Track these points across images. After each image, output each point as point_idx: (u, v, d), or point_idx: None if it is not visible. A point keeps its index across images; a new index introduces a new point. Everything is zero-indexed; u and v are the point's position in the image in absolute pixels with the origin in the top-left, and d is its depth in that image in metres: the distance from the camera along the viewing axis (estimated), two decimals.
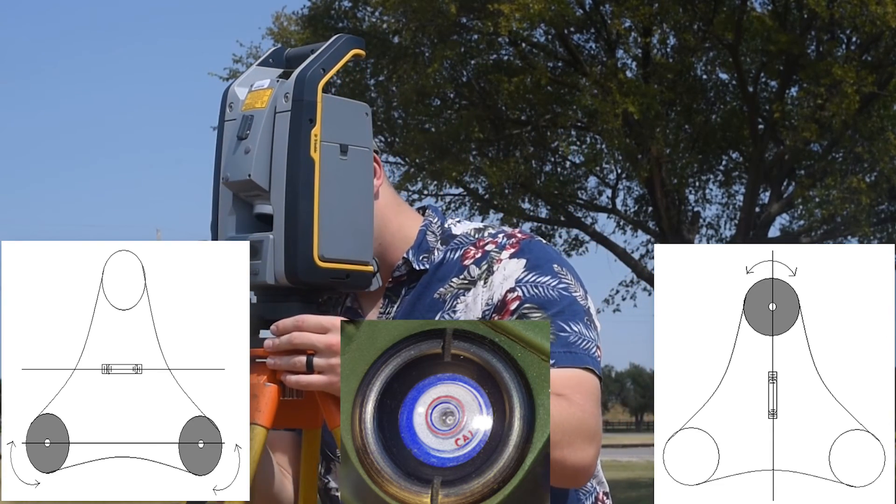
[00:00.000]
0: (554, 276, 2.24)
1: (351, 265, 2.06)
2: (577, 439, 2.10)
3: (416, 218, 2.36)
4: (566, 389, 2.13)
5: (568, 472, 2.12)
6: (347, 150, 2.06)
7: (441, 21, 18.85)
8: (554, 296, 2.22)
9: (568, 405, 2.10)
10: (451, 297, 2.26)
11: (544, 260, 2.26)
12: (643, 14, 18.85)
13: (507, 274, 2.24)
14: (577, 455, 2.11)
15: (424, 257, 2.30)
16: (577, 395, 2.14)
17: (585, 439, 2.12)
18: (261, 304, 2.09)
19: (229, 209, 2.08)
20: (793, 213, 22.90)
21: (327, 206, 2.02)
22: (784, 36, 18.81)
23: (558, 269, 2.25)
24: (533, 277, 2.23)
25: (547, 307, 2.20)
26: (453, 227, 2.35)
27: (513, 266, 2.25)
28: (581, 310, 2.24)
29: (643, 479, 29.12)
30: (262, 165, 2.03)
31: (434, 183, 21.84)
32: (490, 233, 2.33)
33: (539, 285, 2.22)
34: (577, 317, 2.22)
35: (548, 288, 2.22)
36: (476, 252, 2.29)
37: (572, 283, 2.26)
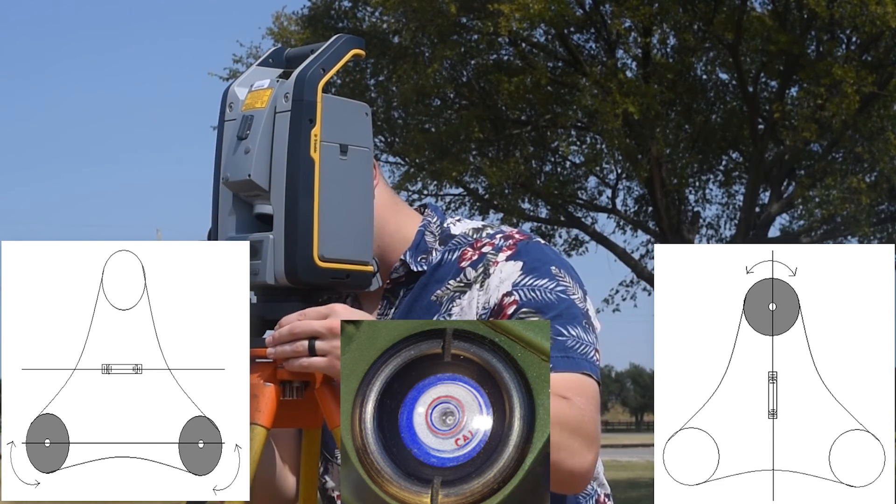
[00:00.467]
0: (552, 278, 2.21)
1: (351, 265, 2.06)
2: (575, 443, 2.07)
3: (414, 217, 2.33)
4: (567, 392, 2.10)
5: (564, 476, 2.08)
6: (347, 150, 2.06)
7: (441, 21, 18.85)
8: (552, 299, 2.18)
9: (568, 406, 2.07)
10: (447, 299, 2.24)
11: (542, 262, 2.23)
12: (643, 14, 18.84)
13: (503, 277, 2.21)
14: (576, 460, 2.08)
15: (422, 258, 2.28)
16: (577, 398, 2.11)
17: (584, 444, 2.09)
18: (261, 304, 2.08)
19: (229, 209, 2.08)
20: (793, 213, 22.90)
21: (327, 206, 2.02)
22: (784, 36, 18.80)
23: (556, 272, 2.22)
24: (530, 280, 2.20)
25: (544, 311, 2.17)
26: (452, 227, 2.32)
27: (509, 269, 2.22)
28: (579, 313, 2.20)
29: (643, 479, 29.10)
30: (262, 165, 2.03)
31: (434, 183, 21.84)
32: (488, 233, 2.29)
33: (536, 288, 2.19)
34: (575, 320, 2.18)
35: (545, 291, 2.19)
36: (473, 254, 2.26)
37: (570, 285, 2.22)
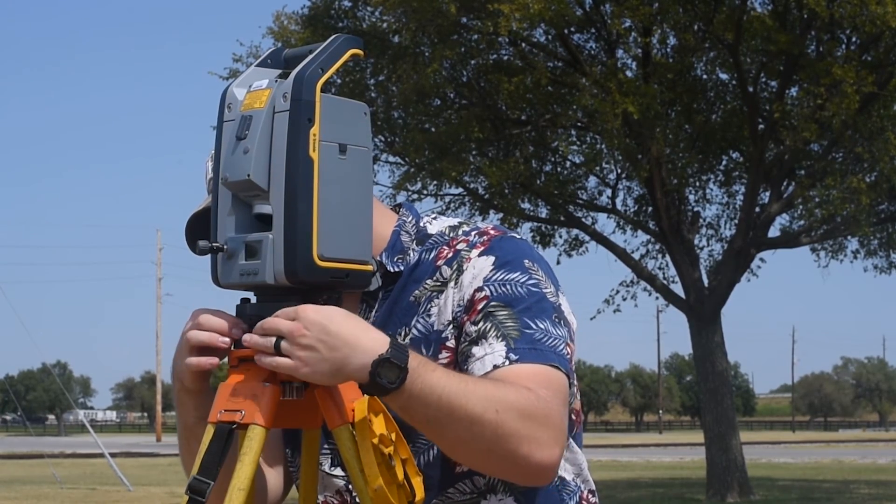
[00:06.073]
0: (524, 272, 2.18)
1: (350, 264, 2.06)
2: (542, 434, 2.04)
3: (389, 217, 2.30)
4: (531, 383, 2.06)
5: (532, 469, 2.05)
6: (346, 150, 2.05)
7: (441, 21, 18.85)
8: (522, 292, 2.16)
9: (533, 398, 2.04)
10: (426, 299, 2.22)
11: (514, 255, 2.20)
12: (643, 14, 18.84)
13: (475, 273, 2.19)
14: (544, 452, 2.04)
15: (399, 259, 2.26)
16: (542, 389, 2.07)
17: (551, 436, 2.05)
18: (260, 303, 2.08)
19: (228, 209, 2.08)
20: (793, 213, 22.91)
21: (326, 205, 2.02)
22: (784, 36, 18.80)
23: (529, 265, 2.20)
24: (501, 275, 2.17)
25: (514, 304, 2.15)
26: (428, 226, 2.29)
27: (481, 264, 2.19)
28: (550, 307, 2.17)
29: (643, 479, 29.10)
30: (261, 165, 2.02)
31: (434, 183, 21.85)
32: (464, 230, 2.27)
33: (507, 283, 2.17)
34: (544, 314, 2.15)
35: (516, 285, 2.17)
36: (448, 252, 2.24)
37: (543, 279, 2.20)
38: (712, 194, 23.56)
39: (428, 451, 2.18)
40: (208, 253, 2.07)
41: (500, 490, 2.20)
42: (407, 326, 2.21)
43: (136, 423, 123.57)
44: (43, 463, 34.06)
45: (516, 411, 2.01)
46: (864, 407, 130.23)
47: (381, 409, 2.00)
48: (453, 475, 2.19)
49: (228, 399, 2.04)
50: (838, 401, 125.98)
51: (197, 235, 2.22)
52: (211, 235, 2.10)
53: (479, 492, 2.20)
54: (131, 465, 35.87)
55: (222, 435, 2.02)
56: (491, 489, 2.20)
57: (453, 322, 2.18)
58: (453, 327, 2.18)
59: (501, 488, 2.20)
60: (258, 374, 2.04)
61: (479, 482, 2.19)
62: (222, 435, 2.02)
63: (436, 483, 2.18)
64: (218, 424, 2.03)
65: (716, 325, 21.35)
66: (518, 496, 2.20)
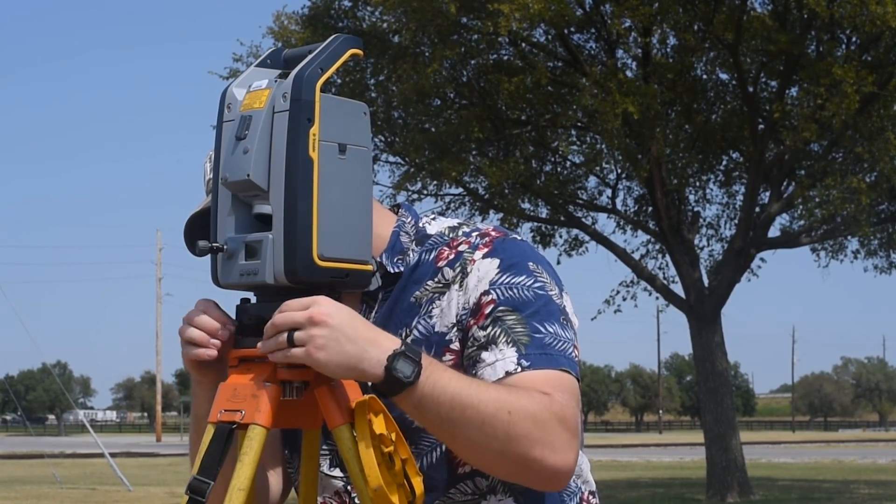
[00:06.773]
0: (529, 274, 2.18)
1: (350, 264, 2.06)
2: (558, 438, 2.04)
3: (388, 217, 2.30)
4: (547, 388, 2.07)
5: (547, 474, 2.05)
6: (346, 150, 2.05)
7: (441, 21, 18.84)
8: (529, 296, 2.16)
9: (550, 402, 2.04)
10: (427, 301, 2.21)
11: (519, 258, 2.20)
12: (643, 14, 18.84)
13: (480, 276, 2.18)
14: (559, 456, 2.04)
15: (399, 259, 2.25)
16: (558, 393, 2.07)
17: (568, 439, 2.05)
18: (260, 303, 2.08)
19: (228, 209, 2.08)
20: (793, 213, 22.91)
21: (326, 205, 2.02)
22: (784, 36, 18.80)
23: (533, 268, 2.20)
24: (507, 278, 2.17)
25: (521, 309, 2.15)
26: (428, 227, 2.29)
27: (486, 267, 2.19)
28: (556, 309, 2.18)
29: (643, 479, 29.10)
30: (260, 165, 2.02)
31: (434, 183, 21.84)
32: (464, 231, 2.27)
33: (513, 286, 2.17)
34: (552, 317, 2.16)
35: (523, 288, 2.17)
36: (450, 253, 2.24)
37: (548, 281, 2.20)
38: (712, 194, 23.58)
39: (431, 453, 2.18)
40: (208, 253, 2.07)
41: (499, 490, 2.20)
42: (408, 327, 2.21)
43: (136, 423, 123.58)
44: (43, 463, 34.06)
45: (529, 414, 2.01)
46: (864, 407, 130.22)
47: (382, 409, 1.99)
48: (456, 476, 2.19)
49: (228, 399, 2.04)
50: (838, 401, 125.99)
51: (196, 237, 2.22)
52: (211, 235, 2.10)
53: (481, 493, 2.20)
54: (131, 465, 35.88)
55: (222, 435, 2.02)
56: (491, 490, 2.19)
57: (458, 325, 2.17)
58: (458, 330, 2.17)
59: (501, 489, 2.19)
60: (258, 374, 2.04)
61: (482, 483, 2.19)
62: (222, 435, 2.02)
63: (439, 484, 2.18)
64: (218, 424, 2.03)
65: (716, 325, 21.35)
66: (518, 496, 2.20)
